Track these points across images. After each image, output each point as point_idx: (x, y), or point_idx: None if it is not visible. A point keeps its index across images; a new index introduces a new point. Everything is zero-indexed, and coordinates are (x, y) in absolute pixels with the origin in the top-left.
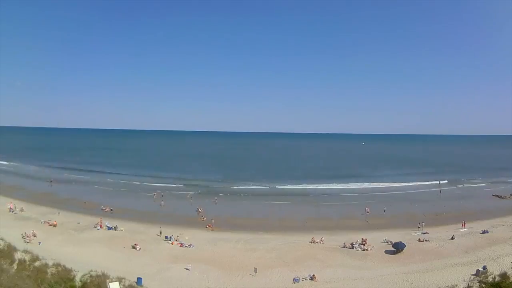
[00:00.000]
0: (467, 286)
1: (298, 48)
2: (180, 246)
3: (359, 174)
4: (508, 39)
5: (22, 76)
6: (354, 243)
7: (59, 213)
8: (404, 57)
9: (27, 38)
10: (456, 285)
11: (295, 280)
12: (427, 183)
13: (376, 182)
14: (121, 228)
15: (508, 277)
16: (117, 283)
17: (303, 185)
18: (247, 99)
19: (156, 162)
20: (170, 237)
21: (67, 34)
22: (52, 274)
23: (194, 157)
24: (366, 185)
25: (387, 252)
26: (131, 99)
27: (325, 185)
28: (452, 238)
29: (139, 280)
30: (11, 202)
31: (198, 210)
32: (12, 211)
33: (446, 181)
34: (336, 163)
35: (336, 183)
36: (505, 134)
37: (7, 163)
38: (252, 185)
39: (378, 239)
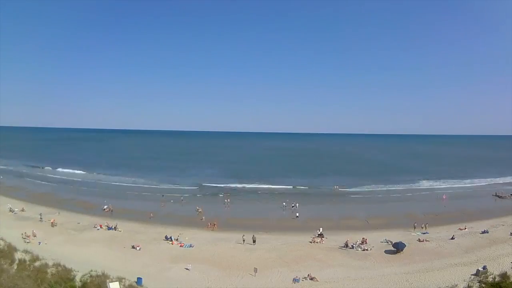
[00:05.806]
0: (467, 286)
1: (298, 46)
2: (180, 246)
3: (359, 175)
4: (509, 38)
5: (21, 76)
6: (354, 243)
7: (59, 213)
8: (404, 54)
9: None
10: (456, 285)
11: (295, 280)
12: (427, 182)
13: (376, 183)
14: (121, 229)
15: (508, 277)
16: (117, 283)
17: (303, 185)
18: (246, 99)
19: (155, 162)
20: (170, 237)
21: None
22: (52, 274)
23: (196, 157)
24: (366, 186)
25: (387, 252)
26: (132, 99)
27: (325, 185)
28: (452, 238)
29: (139, 280)
30: (8, 204)
31: (197, 210)
32: (12, 211)
33: (446, 181)
34: (336, 163)
35: (336, 183)
36: (505, 134)
37: (7, 163)
38: (252, 185)
39: (378, 239)
